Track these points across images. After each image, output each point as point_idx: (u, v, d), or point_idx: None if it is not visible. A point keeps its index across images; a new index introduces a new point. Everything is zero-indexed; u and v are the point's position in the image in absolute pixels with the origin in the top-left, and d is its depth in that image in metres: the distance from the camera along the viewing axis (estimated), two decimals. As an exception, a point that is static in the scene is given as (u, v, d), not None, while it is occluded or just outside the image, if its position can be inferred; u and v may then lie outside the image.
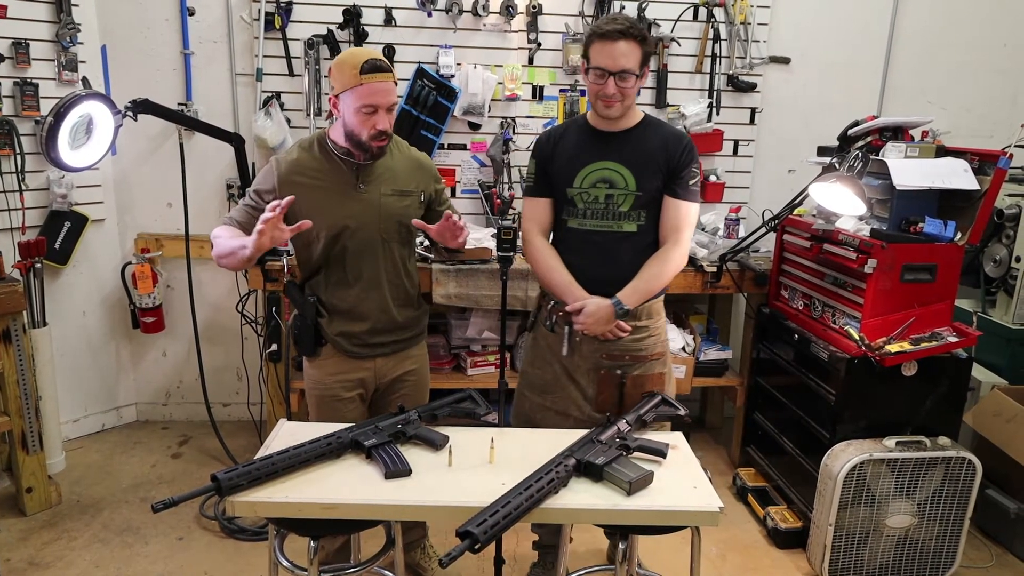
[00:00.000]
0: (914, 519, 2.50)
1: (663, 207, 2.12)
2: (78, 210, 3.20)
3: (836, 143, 2.77)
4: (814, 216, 2.84)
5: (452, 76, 3.29)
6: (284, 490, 1.58)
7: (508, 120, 3.39)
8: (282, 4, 3.18)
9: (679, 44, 3.38)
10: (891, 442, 2.45)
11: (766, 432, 3.06)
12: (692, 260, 3.05)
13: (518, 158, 3.42)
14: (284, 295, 2.43)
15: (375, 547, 1.95)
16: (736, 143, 3.56)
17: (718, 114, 3.47)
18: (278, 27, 3.21)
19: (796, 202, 2.93)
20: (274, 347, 3.04)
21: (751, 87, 3.48)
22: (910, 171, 2.45)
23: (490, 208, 3.38)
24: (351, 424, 1.82)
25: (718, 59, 3.42)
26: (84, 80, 3.12)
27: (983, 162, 2.47)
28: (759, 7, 3.40)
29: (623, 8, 3.30)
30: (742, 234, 3.21)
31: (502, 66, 3.34)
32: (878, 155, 2.58)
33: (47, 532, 2.72)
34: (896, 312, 2.50)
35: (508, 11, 3.25)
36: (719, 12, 3.37)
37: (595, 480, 1.65)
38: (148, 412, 3.68)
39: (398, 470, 1.65)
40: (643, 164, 2.09)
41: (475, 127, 3.40)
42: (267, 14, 3.19)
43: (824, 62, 3.53)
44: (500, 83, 3.35)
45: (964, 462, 2.45)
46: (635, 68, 2.00)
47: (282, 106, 3.28)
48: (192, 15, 3.25)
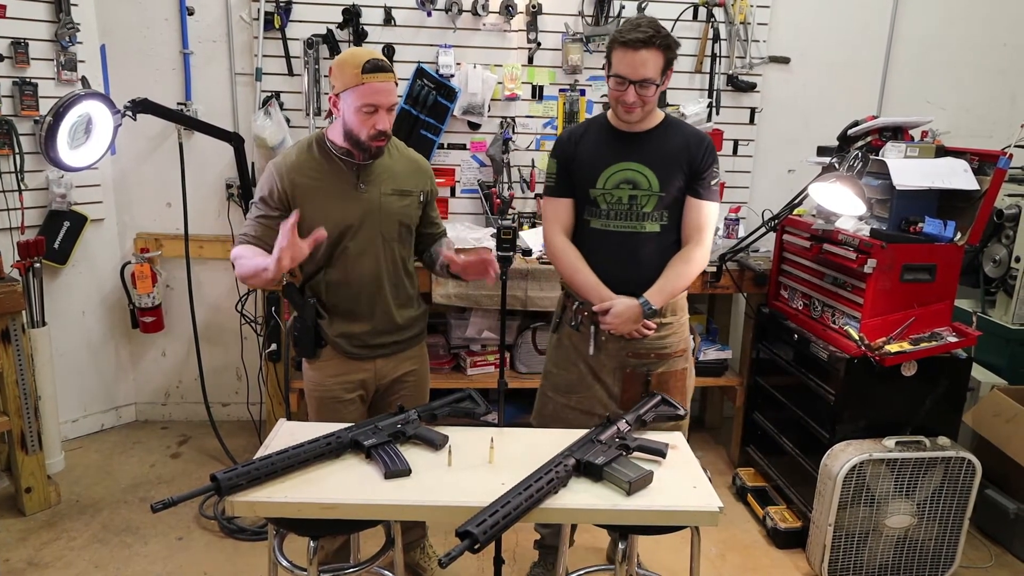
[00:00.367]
0: (914, 519, 2.50)
1: (685, 207, 2.13)
2: (77, 210, 3.20)
3: (836, 143, 2.77)
4: (814, 216, 2.84)
5: (452, 76, 3.29)
6: (283, 490, 1.57)
7: (508, 120, 3.39)
8: (281, 3, 3.18)
9: (679, 44, 3.37)
10: (891, 442, 2.45)
11: (766, 432, 3.06)
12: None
13: (518, 158, 3.43)
14: (283, 296, 2.42)
15: (375, 547, 1.95)
16: (736, 143, 3.56)
17: (718, 114, 3.47)
18: (277, 27, 3.21)
19: (796, 202, 2.93)
20: (273, 347, 3.04)
21: (751, 87, 3.48)
22: (910, 171, 2.45)
23: (489, 208, 3.38)
24: (350, 424, 1.82)
25: (718, 59, 3.42)
26: (83, 80, 3.12)
27: (983, 162, 2.47)
28: (759, 7, 3.40)
29: (623, 8, 3.30)
30: (742, 234, 3.21)
31: (502, 66, 3.34)
32: (878, 155, 2.57)
33: (46, 532, 2.72)
34: (896, 312, 2.49)
35: (508, 11, 3.24)
36: (719, 12, 3.37)
37: (595, 480, 1.65)
38: (147, 412, 3.67)
39: (398, 470, 1.65)
40: (666, 165, 2.09)
41: (475, 127, 3.40)
42: (266, 13, 3.19)
43: (824, 62, 3.53)
44: (500, 83, 3.35)
45: (964, 462, 2.45)
46: (656, 77, 2.00)
47: (281, 106, 3.28)
48: (191, 15, 3.24)
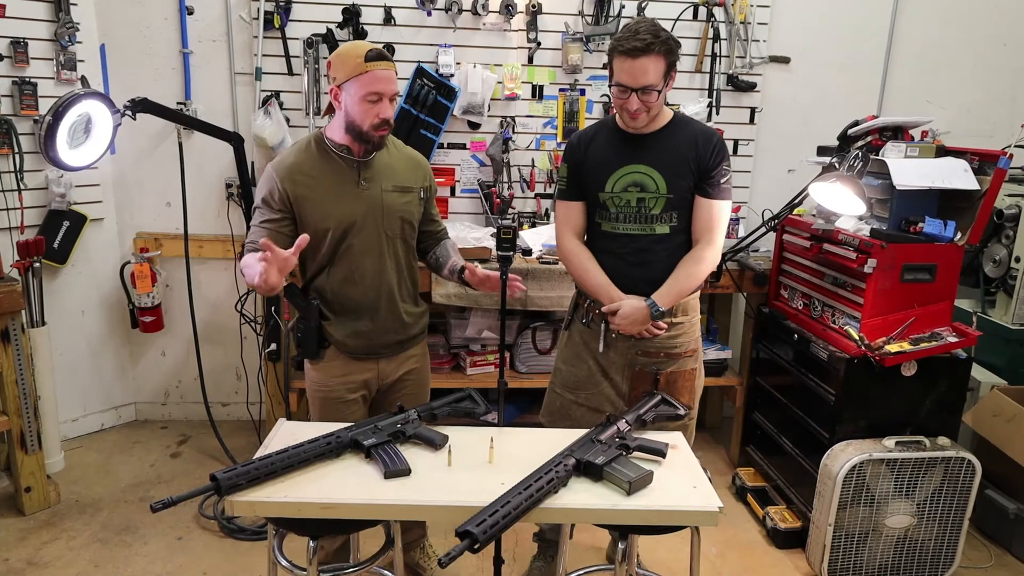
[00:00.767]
0: (913, 519, 2.50)
1: (695, 207, 2.12)
2: (77, 209, 3.20)
3: (836, 143, 2.77)
4: (814, 216, 2.84)
5: (451, 75, 3.29)
6: (283, 490, 1.57)
7: (507, 119, 3.39)
8: (281, 3, 3.18)
9: (679, 45, 3.37)
10: (890, 442, 2.45)
11: (765, 432, 3.06)
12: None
13: (518, 157, 3.42)
14: (285, 298, 2.41)
15: (374, 547, 1.95)
16: (736, 143, 3.55)
17: (718, 114, 3.47)
18: (277, 26, 3.20)
19: (796, 202, 2.93)
20: (273, 347, 3.04)
21: (751, 87, 3.48)
22: (910, 171, 2.44)
23: (489, 207, 3.38)
24: (350, 424, 1.82)
25: (718, 58, 3.42)
26: (83, 79, 3.11)
27: (983, 162, 2.47)
28: (759, 7, 3.39)
29: (623, 7, 3.30)
30: (742, 234, 3.21)
31: (501, 65, 3.34)
32: (878, 155, 2.57)
33: (46, 532, 2.71)
34: (896, 312, 2.49)
35: (508, 10, 3.24)
36: (719, 11, 3.37)
37: (595, 480, 1.64)
38: (147, 412, 3.67)
39: (397, 470, 1.64)
40: (673, 166, 2.08)
41: (475, 126, 3.40)
42: (266, 13, 3.19)
43: (824, 62, 3.53)
44: (499, 82, 3.35)
45: (963, 462, 2.45)
46: (658, 83, 1.98)
47: (281, 105, 3.28)
48: (191, 14, 3.24)
